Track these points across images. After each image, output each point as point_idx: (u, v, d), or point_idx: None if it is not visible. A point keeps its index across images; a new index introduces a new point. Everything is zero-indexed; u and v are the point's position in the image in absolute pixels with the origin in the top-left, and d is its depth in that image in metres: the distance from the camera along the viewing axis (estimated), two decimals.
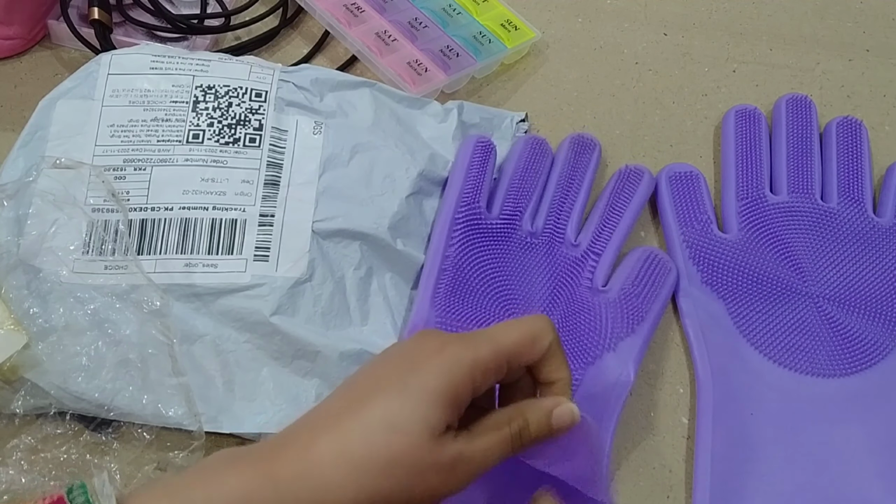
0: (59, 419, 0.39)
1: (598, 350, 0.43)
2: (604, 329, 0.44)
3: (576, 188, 0.49)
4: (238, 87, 0.46)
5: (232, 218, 0.43)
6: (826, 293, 0.46)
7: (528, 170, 0.49)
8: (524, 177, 0.48)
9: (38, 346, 0.39)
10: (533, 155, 0.49)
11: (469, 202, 0.46)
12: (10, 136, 0.46)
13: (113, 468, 0.38)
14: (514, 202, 0.47)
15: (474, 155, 0.47)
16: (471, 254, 0.45)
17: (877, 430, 0.43)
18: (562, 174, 0.49)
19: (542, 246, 0.47)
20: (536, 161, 0.49)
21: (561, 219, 0.48)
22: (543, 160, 0.49)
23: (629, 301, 0.44)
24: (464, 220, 0.46)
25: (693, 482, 0.41)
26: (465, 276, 0.45)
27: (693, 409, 0.44)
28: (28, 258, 0.41)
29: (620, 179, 0.49)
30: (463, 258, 0.45)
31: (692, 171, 0.50)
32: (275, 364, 0.42)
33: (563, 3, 0.60)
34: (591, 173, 0.50)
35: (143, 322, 0.40)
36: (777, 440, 0.42)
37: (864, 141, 0.51)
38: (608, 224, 0.47)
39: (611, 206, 0.48)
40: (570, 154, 0.50)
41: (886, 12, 0.61)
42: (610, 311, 0.44)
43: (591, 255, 0.46)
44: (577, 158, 0.50)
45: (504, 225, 0.47)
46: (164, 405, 0.39)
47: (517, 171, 0.48)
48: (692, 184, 0.49)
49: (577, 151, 0.50)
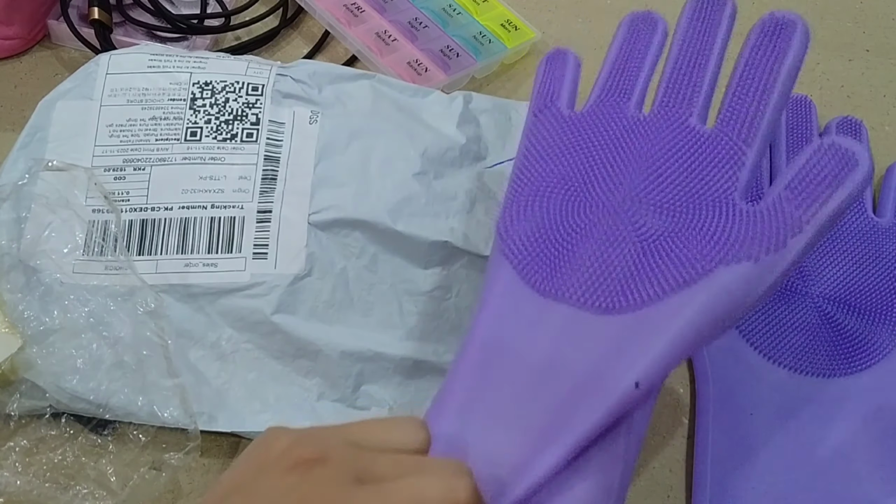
0: (55, 421, 0.39)
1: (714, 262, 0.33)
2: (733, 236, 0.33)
3: (704, 55, 0.38)
4: (235, 83, 0.46)
5: (230, 216, 0.43)
6: (826, 293, 0.46)
7: (630, 44, 0.40)
8: (624, 52, 0.40)
9: (32, 348, 0.39)
10: (634, 29, 0.41)
11: (543, 108, 0.40)
12: (10, 136, 0.46)
13: (109, 470, 0.38)
14: (611, 82, 0.39)
15: (544, 66, 0.42)
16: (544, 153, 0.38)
17: (877, 430, 0.42)
18: (684, 39, 0.39)
19: (654, 130, 0.37)
20: (641, 34, 0.41)
21: (683, 93, 0.38)
22: (648, 33, 0.41)
23: (783, 206, 0.34)
24: (538, 127, 0.39)
25: (693, 482, 0.41)
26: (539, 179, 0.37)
27: (693, 409, 0.44)
28: (25, 261, 0.41)
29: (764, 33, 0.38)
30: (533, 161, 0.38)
31: None
32: (276, 363, 0.42)
33: (563, 3, 0.60)
34: (724, 37, 0.39)
35: (137, 324, 0.40)
36: (777, 440, 0.42)
37: (864, 141, 0.51)
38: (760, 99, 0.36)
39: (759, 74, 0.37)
40: (695, 15, 0.39)
41: (886, 12, 0.61)
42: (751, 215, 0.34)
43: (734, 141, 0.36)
44: (704, 18, 0.39)
45: (597, 111, 0.39)
46: (160, 407, 0.39)
47: (614, 48, 0.41)
48: None
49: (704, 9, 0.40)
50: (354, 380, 0.41)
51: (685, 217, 0.35)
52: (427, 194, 0.44)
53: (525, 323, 0.34)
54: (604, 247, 0.35)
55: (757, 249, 0.33)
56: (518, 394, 0.33)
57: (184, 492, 0.40)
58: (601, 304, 0.33)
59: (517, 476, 0.31)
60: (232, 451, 0.41)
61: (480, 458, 0.31)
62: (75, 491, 0.37)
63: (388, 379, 0.42)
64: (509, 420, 0.32)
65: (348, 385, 0.41)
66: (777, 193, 0.34)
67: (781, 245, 0.33)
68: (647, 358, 0.32)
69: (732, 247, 0.33)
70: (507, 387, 0.33)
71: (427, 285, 0.44)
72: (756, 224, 0.34)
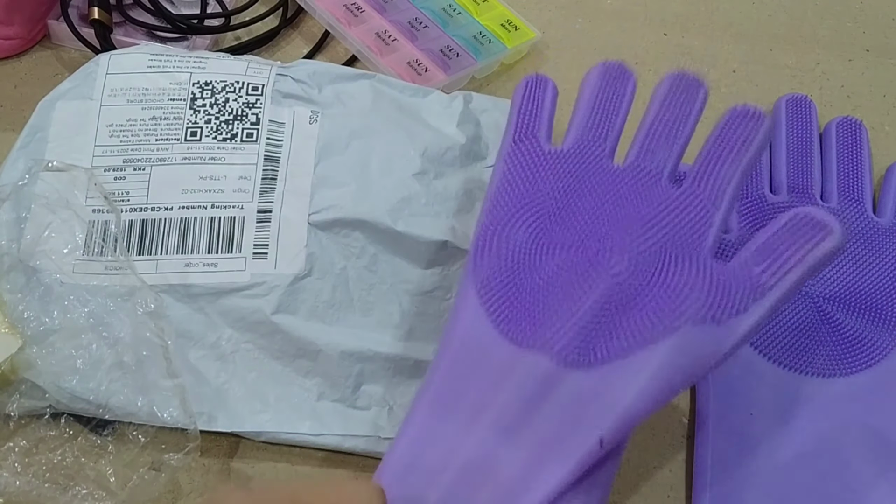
0: (54, 422, 0.39)
1: (680, 320, 0.33)
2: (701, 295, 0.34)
3: (682, 119, 0.39)
4: (235, 82, 0.46)
5: (231, 216, 0.43)
6: (826, 293, 0.46)
7: (605, 91, 0.40)
8: (601, 97, 0.40)
9: (32, 349, 0.39)
10: (609, 78, 0.41)
11: (522, 138, 0.39)
12: (10, 136, 0.46)
13: (108, 471, 0.38)
14: (590, 125, 0.39)
15: (524, 91, 0.41)
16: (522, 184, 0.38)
17: (877, 430, 0.42)
18: (661, 108, 0.40)
19: (629, 183, 0.38)
20: (614, 83, 0.41)
21: (659, 151, 0.39)
22: (623, 83, 0.41)
23: (750, 269, 0.34)
24: (517, 155, 0.39)
25: (693, 482, 0.41)
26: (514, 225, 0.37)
27: (693, 409, 0.44)
28: (25, 261, 0.41)
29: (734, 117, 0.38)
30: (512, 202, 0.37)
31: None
32: (276, 363, 0.42)
33: (563, 3, 0.60)
34: (699, 110, 0.39)
35: (137, 324, 0.40)
36: (777, 440, 0.42)
37: (864, 141, 0.51)
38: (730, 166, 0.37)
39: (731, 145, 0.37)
40: (673, 86, 0.40)
41: (886, 12, 0.61)
42: (718, 275, 0.34)
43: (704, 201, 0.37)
44: (683, 90, 0.40)
45: (576, 155, 0.39)
46: (160, 407, 0.39)
47: (588, 91, 0.40)
48: None
49: (679, 89, 0.40)
50: (354, 380, 0.41)
51: (655, 271, 0.35)
52: (427, 194, 0.44)
53: (488, 367, 0.34)
54: (574, 296, 0.34)
55: (720, 311, 0.33)
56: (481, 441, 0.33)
57: (184, 492, 0.40)
58: (569, 357, 0.33)
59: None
60: (232, 452, 0.41)
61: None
62: (75, 491, 0.37)
63: (388, 379, 0.42)
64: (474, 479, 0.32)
65: (348, 385, 0.41)
66: (746, 256, 0.35)
67: (743, 310, 0.33)
68: (612, 415, 0.32)
69: (699, 306, 0.33)
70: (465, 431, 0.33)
71: (427, 285, 0.44)
72: (721, 284, 0.34)
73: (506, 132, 0.40)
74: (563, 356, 0.33)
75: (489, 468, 0.32)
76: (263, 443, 0.41)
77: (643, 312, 0.34)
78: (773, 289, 0.34)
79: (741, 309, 0.33)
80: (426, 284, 0.44)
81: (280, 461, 0.41)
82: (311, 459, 0.41)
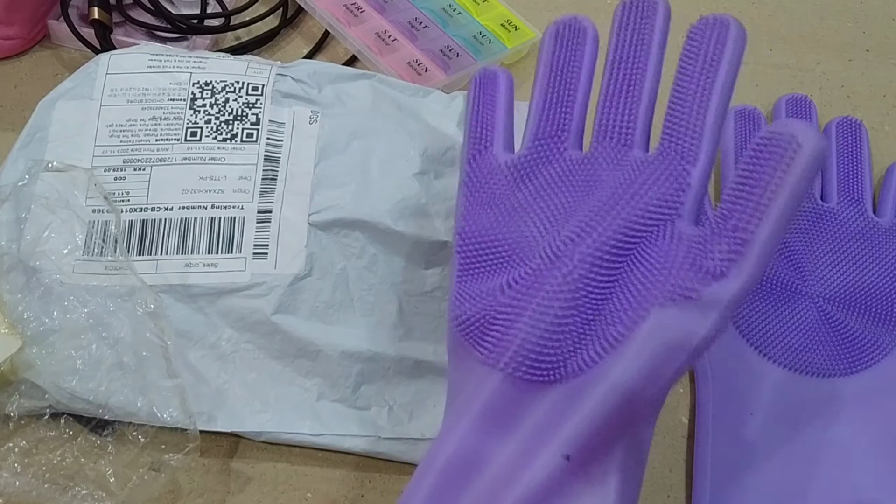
0: (54, 422, 0.39)
1: (647, 305, 0.29)
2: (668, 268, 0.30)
3: (638, 74, 0.34)
4: (235, 82, 0.46)
5: (231, 216, 0.43)
6: (826, 293, 0.46)
7: (559, 64, 0.36)
8: (555, 75, 0.36)
9: (32, 349, 0.39)
10: (562, 44, 0.36)
11: (476, 154, 0.36)
12: (10, 136, 0.46)
13: (108, 471, 0.38)
14: (545, 116, 0.36)
15: (475, 92, 0.38)
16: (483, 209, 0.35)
17: (877, 430, 0.42)
18: (614, 58, 0.35)
19: (593, 171, 0.34)
20: (570, 49, 0.36)
21: (618, 124, 0.34)
22: (581, 46, 0.36)
23: (724, 223, 0.29)
24: (475, 176, 0.36)
25: (693, 482, 0.41)
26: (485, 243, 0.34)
27: (693, 409, 0.44)
28: (25, 261, 0.41)
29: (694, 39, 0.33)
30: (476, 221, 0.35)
31: None
32: (276, 364, 0.42)
33: (563, 3, 0.60)
34: (659, 49, 0.34)
35: (137, 325, 0.40)
36: (777, 440, 0.42)
37: (864, 141, 0.51)
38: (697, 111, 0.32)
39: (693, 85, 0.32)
40: (623, 25, 0.35)
41: (886, 12, 0.61)
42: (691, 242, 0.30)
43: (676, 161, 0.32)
44: (633, 29, 0.35)
45: (534, 156, 0.35)
46: (160, 407, 0.39)
47: (542, 69, 0.36)
48: None
49: (633, 17, 0.35)
50: (354, 380, 0.41)
51: (621, 260, 0.31)
52: (427, 194, 0.44)
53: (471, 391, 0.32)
54: (539, 310, 0.31)
55: (694, 282, 0.29)
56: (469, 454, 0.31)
57: (184, 492, 0.40)
58: (523, 375, 0.31)
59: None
60: (232, 452, 0.41)
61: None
62: (74, 492, 0.37)
63: (388, 379, 0.42)
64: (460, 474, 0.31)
65: (348, 385, 0.41)
66: (721, 209, 0.29)
67: (720, 274, 0.28)
68: (571, 430, 0.29)
69: (670, 284, 0.29)
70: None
71: (427, 285, 0.44)
72: (693, 252, 0.29)
73: (463, 144, 0.38)
74: (513, 373, 0.31)
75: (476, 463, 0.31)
76: (263, 443, 0.41)
77: (610, 307, 0.30)
78: (751, 241, 0.28)
79: (718, 274, 0.28)
80: (426, 284, 0.44)
81: (280, 461, 0.41)
82: (311, 459, 0.41)
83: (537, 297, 0.31)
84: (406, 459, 0.41)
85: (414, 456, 0.41)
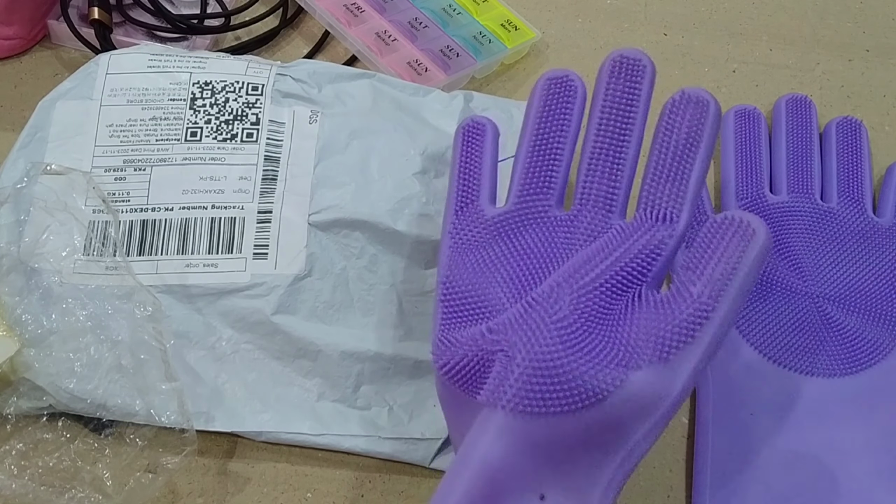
0: (51, 424, 0.39)
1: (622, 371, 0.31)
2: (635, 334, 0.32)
3: (625, 143, 0.36)
4: (235, 82, 0.46)
5: (231, 216, 0.43)
6: (826, 293, 0.46)
7: (547, 120, 0.37)
8: (543, 132, 0.37)
9: (31, 351, 0.39)
10: (552, 99, 0.37)
11: (463, 206, 0.38)
12: (10, 136, 0.46)
13: (105, 474, 0.38)
14: (531, 173, 0.37)
15: (462, 144, 0.39)
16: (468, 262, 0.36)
17: (877, 430, 0.42)
18: (600, 121, 0.36)
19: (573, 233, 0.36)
20: (559, 105, 0.37)
21: (601, 189, 0.36)
22: (570, 103, 0.37)
23: (685, 288, 0.32)
24: (461, 228, 0.37)
25: (693, 482, 0.41)
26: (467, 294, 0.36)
27: (693, 409, 0.44)
28: (24, 263, 0.41)
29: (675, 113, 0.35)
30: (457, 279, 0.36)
31: None
32: (276, 364, 0.42)
33: (563, 3, 0.60)
34: (643, 117, 0.36)
35: (136, 327, 0.40)
36: (777, 440, 0.42)
37: (864, 141, 0.51)
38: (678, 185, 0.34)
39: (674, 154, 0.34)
40: (613, 88, 0.36)
41: (886, 12, 0.61)
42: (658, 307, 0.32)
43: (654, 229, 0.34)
44: (622, 93, 0.36)
45: (519, 213, 0.36)
46: (158, 410, 0.39)
47: (530, 124, 0.37)
48: None
49: (622, 80, 0.36)
50: (354, 380, 0.41)
51: (599, 313, 0.33)
52: (427, 193, 0.44)
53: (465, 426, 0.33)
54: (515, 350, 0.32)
55: (665, 347, 0.31)
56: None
57: (183, 493, 0.40)
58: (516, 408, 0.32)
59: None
60: (231, 452, 0.41)
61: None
62: (71, 494, 0.37)
63: (388, 379, 0.42)
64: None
65: (348, 385, 0.41)
66: (682, 277, 0.32)
67: (690, 338, 0.31)
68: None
69: (643, 348, 0.31)
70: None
71: (427, 285, 0.44)
72: (661, 317, 0.31)
73: (448, 195, 0.39)
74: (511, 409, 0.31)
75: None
76: (263, 443, 0.41)
77: (587, 361, 0.31)
78: (715, 308, 0.31)
79: (686, 338, 0.31)
80: (426, 284, 0.44)
81: (280, 461, 0.41)
82: (311, 459, 0.41)
83: (522, 336, 0.32)
84: (406, 459, 0.41)
85: (414, 456, 0.41)
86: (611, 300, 0.33)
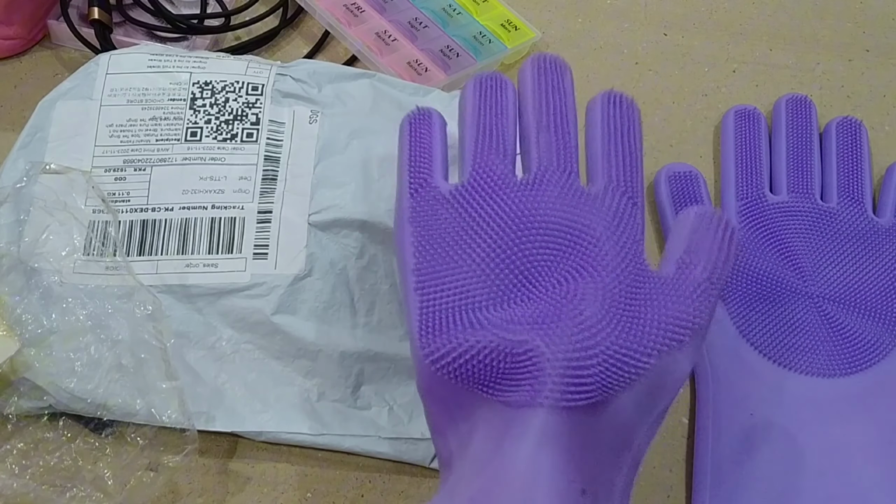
0: (52, 424, 0.39)
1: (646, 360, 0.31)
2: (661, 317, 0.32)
3: (568, 112, 0.37)
4: (235, 82, 0.46)
5: (231, 216, 0.43)
6: (826, 293, 0.46)
7: (487, 100, 0.37)
8: (485, 109, 0.37)
9: (31, 351, 0.39)
10: (486, 88, 0.38)
11: (419, 184, 0.36)
12: (10, 136, 0.46)
13: (106, 473, 0.38)
14: (481, 143, 0.36)
15: (409, 129, 0.38)
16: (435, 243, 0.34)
17: (877, 430, 0.42)
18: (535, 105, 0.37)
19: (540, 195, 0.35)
20: (494, 92, 0.38)
21: (562, 149, 0.36)
22: (503, 91, 0.38)
23: (687, 269, 0.33)
24: (420, 209, 0.36)
25: (693, 482, 0.41)
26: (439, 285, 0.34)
27: (693, 409, 0.44)
28: (24, 262, 0.41)
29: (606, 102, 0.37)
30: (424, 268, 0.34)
31: (691, 171, 0.50)
32: (276, 364, 0.42)
33: (563, 3, 0.60)
34: (571, 99, 0.38)
35: (136, 326, 0.40)
36: (777, 440, 0.42)
37: (864, 141, 0.51)
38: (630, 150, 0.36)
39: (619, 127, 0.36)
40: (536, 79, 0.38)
41: (886, 12, 0.61)
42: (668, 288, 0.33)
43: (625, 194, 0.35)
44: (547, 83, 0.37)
45: (477, 182, 0.35)
46: (159, 409, 0.39)
47: (469, 106, 0.38)
48: (691, 184, 0.49)
49: (543, 74, 0.38)
50: (354, 380, 0.41)
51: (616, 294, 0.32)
52: None
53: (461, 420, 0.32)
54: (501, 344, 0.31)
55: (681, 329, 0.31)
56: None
57: (183, 492, 0.40)
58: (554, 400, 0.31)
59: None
60: (231, 452, 0.41)
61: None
62: (72, 494, 0.37)
63: (388, 379, 0.42)
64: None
65: (348, 385, 0.41)
66: (680, 259, 0.33)
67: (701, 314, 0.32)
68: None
69: (657, 326, 0.31)
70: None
71: None
72: (675, 298, 0.32)
73: (399, 180, 0.37)
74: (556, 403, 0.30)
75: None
76: (263, 443, 0.41)
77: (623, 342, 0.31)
78: (713, 288, 0.32)
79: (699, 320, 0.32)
80: None
81: (280, 461, 0.41)
82: (311, 459, 0.41)
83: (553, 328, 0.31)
84: (406, 459, 0.41)
85: (414, 456, 0.41)
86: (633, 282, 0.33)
